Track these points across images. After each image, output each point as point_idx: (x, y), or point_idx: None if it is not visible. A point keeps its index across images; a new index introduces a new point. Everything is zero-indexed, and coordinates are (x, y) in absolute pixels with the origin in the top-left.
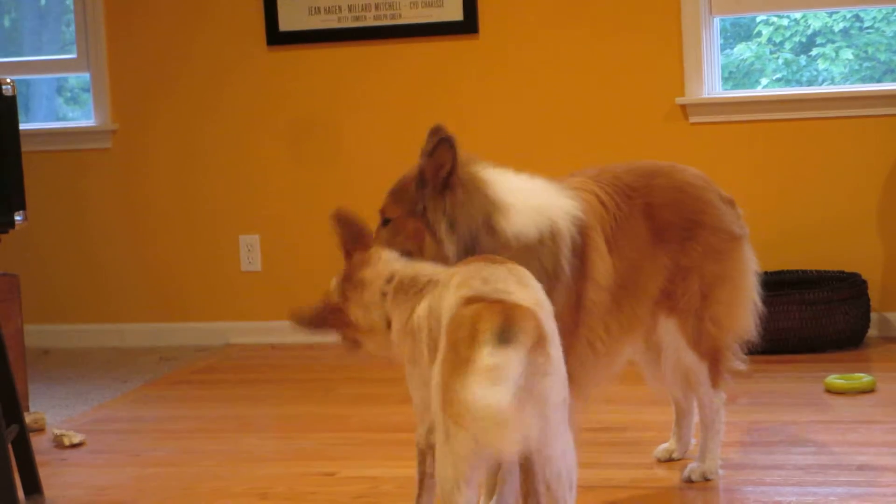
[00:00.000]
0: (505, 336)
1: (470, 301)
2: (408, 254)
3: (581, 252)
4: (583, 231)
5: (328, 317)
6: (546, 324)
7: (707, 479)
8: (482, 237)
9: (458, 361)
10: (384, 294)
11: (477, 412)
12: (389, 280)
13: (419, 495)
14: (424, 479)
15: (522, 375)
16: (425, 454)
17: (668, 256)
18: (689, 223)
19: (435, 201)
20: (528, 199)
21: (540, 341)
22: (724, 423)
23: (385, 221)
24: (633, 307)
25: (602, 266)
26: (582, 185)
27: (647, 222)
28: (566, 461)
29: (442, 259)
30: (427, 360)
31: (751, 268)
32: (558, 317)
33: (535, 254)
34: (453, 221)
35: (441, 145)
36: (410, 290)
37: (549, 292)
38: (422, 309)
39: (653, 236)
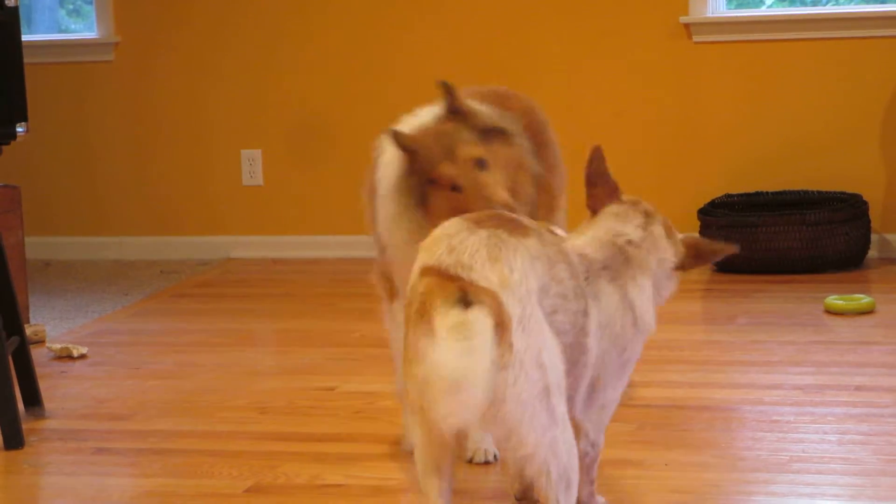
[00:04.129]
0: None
1: (426, 272)
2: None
3: None
4: None
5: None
6: (509, 309)
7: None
8: None
9: (406, 344)
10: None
11: (425, 389)
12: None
13: None
14: None
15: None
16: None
17: None
18: None
19: None
20: None
21: (496, 328)
22: None
23: (481, 163)
24: None
25: None
26: None
27: None
28: (557, 459)
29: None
30: None
31: None
32: None
33: None
34: None
35: (445, 88)
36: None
37: None
38: None
39: None
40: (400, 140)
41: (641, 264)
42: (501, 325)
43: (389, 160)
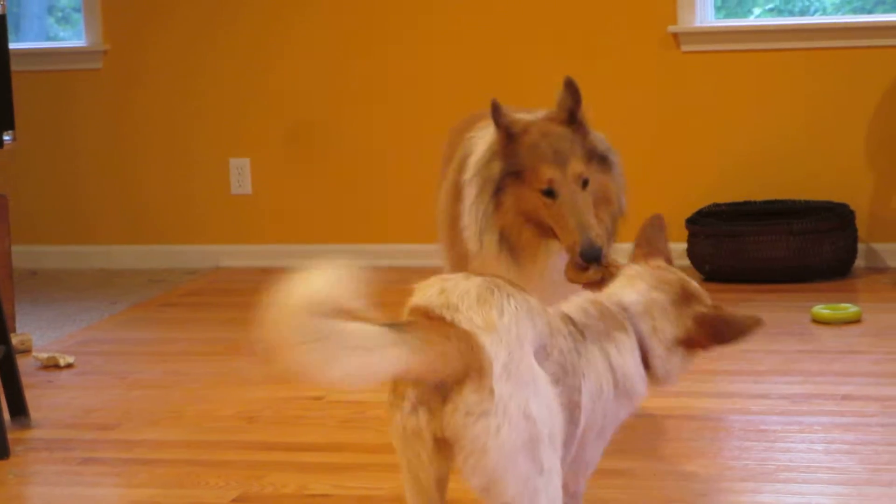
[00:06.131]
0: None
1: (412, 312)
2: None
3: None
4: None
5: None
6: (492, 352)
7: None
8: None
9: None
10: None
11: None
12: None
13: None
14: None
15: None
16: None
17: None
18: None
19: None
20: None
21: (472, 373)
22: None
23: (585, 183)
24: None
25: None
26: None
27: None
28: None
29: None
30: None
31: None
32: None
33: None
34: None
35: (573, 88)
36: None
37: None
38: None
39: None
40: (501, 115)
41: (625, 327)
42: (480, 371)
43: (485, 144)
